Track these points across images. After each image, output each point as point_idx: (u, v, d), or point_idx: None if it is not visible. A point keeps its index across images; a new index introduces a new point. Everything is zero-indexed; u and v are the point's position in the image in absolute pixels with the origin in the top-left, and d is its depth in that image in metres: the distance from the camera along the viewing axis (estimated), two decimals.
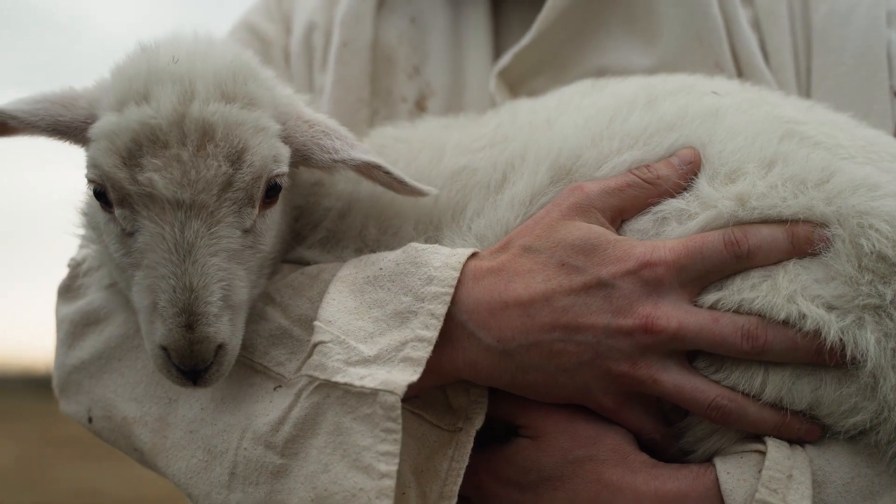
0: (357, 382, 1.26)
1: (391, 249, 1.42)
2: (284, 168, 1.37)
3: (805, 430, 1.26)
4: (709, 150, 1.37)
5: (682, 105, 1.43)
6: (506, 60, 1.77)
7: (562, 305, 1.28)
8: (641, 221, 1.36)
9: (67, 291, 1.64)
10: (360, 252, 1.52)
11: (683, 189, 1.35)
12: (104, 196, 1.32)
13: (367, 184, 1.56)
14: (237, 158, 1.29)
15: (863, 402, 1.23)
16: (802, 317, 1.23)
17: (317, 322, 1.33)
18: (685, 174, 1.36)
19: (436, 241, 1.46)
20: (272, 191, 1.36)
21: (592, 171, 1.41)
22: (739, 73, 1.71)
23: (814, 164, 1.32)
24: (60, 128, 1.39)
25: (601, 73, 1.72)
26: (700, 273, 1.28)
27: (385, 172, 1.41)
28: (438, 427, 1.36)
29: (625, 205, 1.36)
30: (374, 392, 1.24)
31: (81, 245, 1.64)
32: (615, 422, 1.33)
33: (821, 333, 1.22)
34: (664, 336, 1.25)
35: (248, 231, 1.33)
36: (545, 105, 1.57)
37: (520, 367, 1.30)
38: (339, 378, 1.27)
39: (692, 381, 1.27)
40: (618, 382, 1.28)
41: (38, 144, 1.46)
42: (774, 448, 1.24)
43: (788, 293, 1.25)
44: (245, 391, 1.39)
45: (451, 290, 1.30)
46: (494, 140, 1.53)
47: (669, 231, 1.33)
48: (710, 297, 1.28)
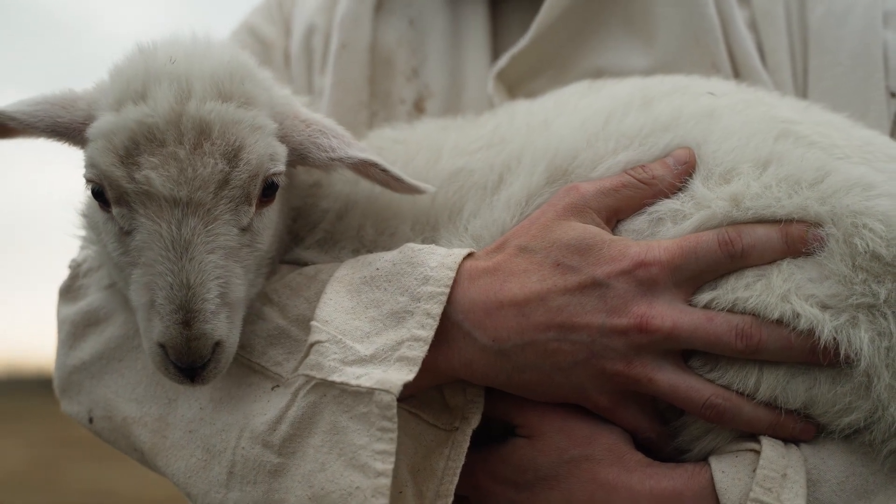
0: (353, 382, 1.27)
1: (388, 250, 1.43)
2: (281, 167, 1.37)
3: (800, 430, 1.27)
4: (704, 151, 1.38)
5: (678, 106, 1.44)
6: (503, 62, 1.78)
7: (557, 305, 1.28)
8: (637, 222, 1.37)
9: (68, 292, 1.65)
10: (358, 252, 1.52)
11: (678, 189, 1.36)
12: (102, 195, 1.33)
13: (365, 185, 1.57)
14: (234, 156, 1.29)
15: (857, 402, 1.23)
16: (796, 316, 1.23)
17: (314, 322, 1.34)
18: (680, 174, 1.36)
19: (433, 242, 1.47)
20: (269, 189, 1.36)
21: (588, 172, 1.41)
22: (736, 74, 1.71)
23: (809, 164, 1.32)
24: (59, 129, 1.40)
25: (599, 74, 1.72)
26: (694, 273, 1.28)
27: (382, 170, 1.41)
28: (435, 426, 1.36)
29: (620, 205, 1.37)
30: (370, 391, 1.25)
31: (82, 246, 1.65)
32: (611, 421, 1.33)
33: (815, 332, 1.22)
34: (659, 335, 1.26)
35: (246, 229, 1.34)
36: (542, 106, 1.58)
37: (515, 367, 1.30)
38: (336, 377, 1.28)
39: (687, 381, 1.27)
40: (613, 382, 1.29)
41: (40, 146, 1.48)
42: (769, 447, 1.25)
43: (782, 292, 1.25)
44: (243, 391, 1.40)
45: (447, 290, 1.31)
46: (492, 141, 1.54)
47: (664, 231, 1.34)
48: (705, 297, 1.28)
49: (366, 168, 1.42)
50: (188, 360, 1.26)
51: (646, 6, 1.77)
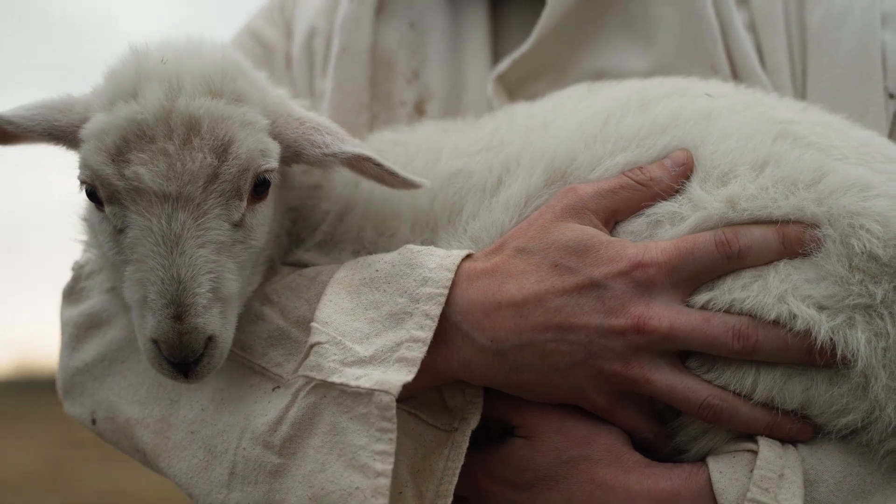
0: (353, 383, 1.27)
1: (388, 251, 1.44)
2: (273, 163, 1.38)
3: (797, 430, 1.27)
4: (701, 152, 1.38)
5: (676, 107, 1.44)
6: (504, 66, 1.78)
7: (554, 306, 1.29)
8: (635, 223, 1.37)
9: (71, 294, 1.66)
10: (358, 254, 1.53)
11: (676, 191, 1.36)
12: (96, 195, 1.34)
13: (365, 187, 1.58)
14: (223, 151, 1.30)
15: (854, 402, 1.24)
16: (793, 317, 1.24)
17: (313, 323, 1.34)
18: (678, 176, 1.37)
19: (432, 244, 1.48)
20: (261, 186, 1.37)
21: (586, 174, 1.42)
22: (735, 76, 1.71)
23: (806, 165, 1.32)
24: (56, 132, 1.41)
25: (599, 77, 1.72)
26: (691, 274, 1.29)
27: (376, 164, 1.42)
28: (435, 427, 1.37)
29: (618, 206, 1.37)
30: (370, 392, 1.26)
31: (85, 248, 1.66)
32: (609, 421, 1.34)
33: (811, 333, 1.23)
34: (656, 336, 1.26)
35: (239, 225, 1.34)
36: (541, 109, 1.58)
37: (513, 367, 1.31)
38: (336, 378, 1.29)
39: (684, 381, 1.28)
40: (610, 382, 1.30)
41: (44, 150, 1.49)
42: (766, 447, 1.25)
43: (779, 293, 1.25)
44: (244, 392, 1.41)
45: (446, 291, 1.32)
46: (491, 144, 1.54)
47: (662, 233, 1.34)
48: (702, 298, 1.29)
49: (360, 163, 1.43)
50: (180, 355, 1.26)
51: (645, 8, 1.78)
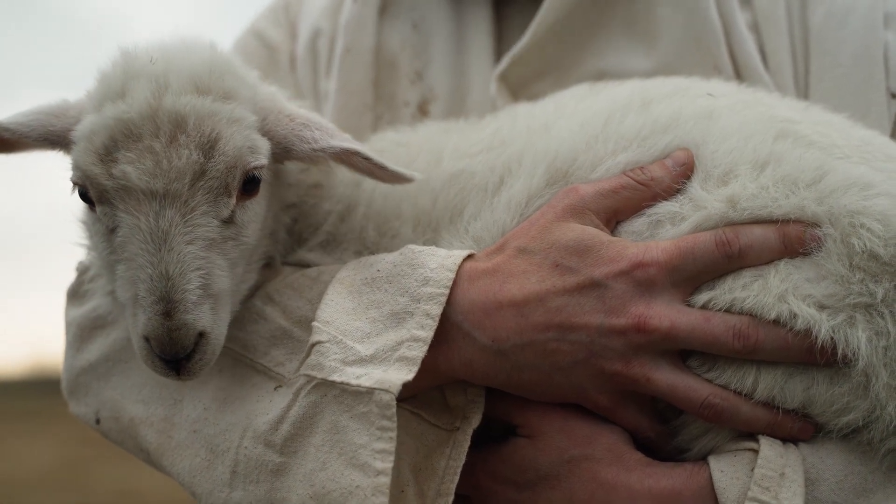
0: (353, 381, 1.28)
1: (390, 251, 1.44)
2: (262, 160, 1.38)
3: (798, 429, 1.27)
4: (702, 151, 1.38)
5: (677, 107, 1.44)
6: (503, 65, 1.78)
7: (555, 305, 1.29)
8: (636, 223, 1.37)
9: (75, 295, 1.67)
10: (360, 254, 1.54)
11: (677, 191, 1.36)
12: (87, 196, 1.35)
13: (367, 186, 1.58)
14: (210, 148, 1.30)
15: (855, 401, 1.24)
16: (793, 316, 1.24)
17: (315, 323, 1.35)
18: (679, 176, 1.37)
19: (434, 244, 1.48)
20: (251, 183, 1.37)
21: (588, 174, 1.42)
22: (738, 76, 1.71)
23: (807, 164, 1.32)
24: (52, 137, 1.42)
25: (602, 77, 1.73)
26: (692, 273, 1.29)
27: (364, 158, 1.42)
28: (436, 426, 1.37)
29: (619, 206, 1.37)
30: (370, 391, 1.26)
31: (89, 251, 1.67)
32: (611, 420, 1.34)
33: (812, 332, 1.23)
34: (656, 335, 1.26)
35: (229, 222, 1.34)
36: (543, 109, 1.59)
37: (515, 367, 1.31)
38: (336, 377, 1.29)
39: (685, 380, 1.28)
40: (612, 381, 1.30)
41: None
42: (767, 446, 1.25)
43: (780, 292, 1.25)
44: (246, 391, 1.42)
45: (447, 291, 1.32)
46: (492, 144, 1.55)
47: (663, 233, 1.34)
48: (702, 297, 1.29)
49: (349, 157, 1.43)
50: (171, 352, 1.26)
51: (647, 9, 1.78)
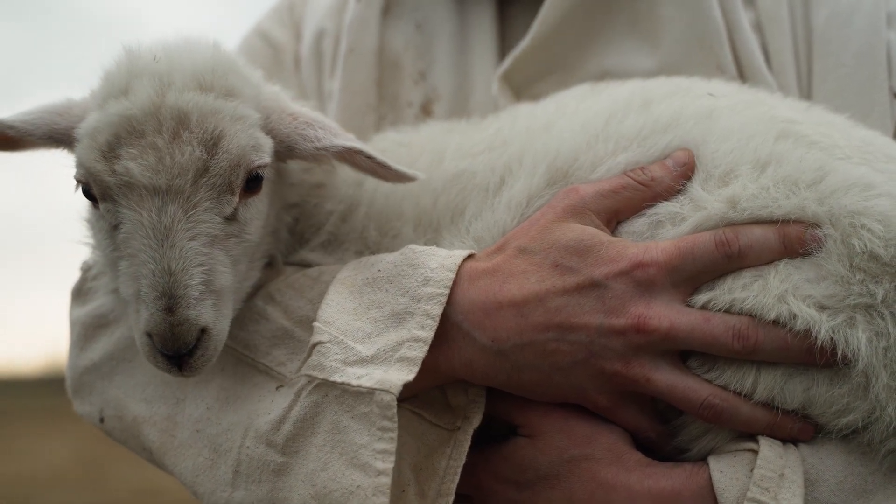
0: (354, 382, 1.28)
1: (391, 251, 1.44)
2: (266, 159, 1.39)
3: (798, 429, 1.27)
4: (703, 151, 1.38)
5: (678, 107, 1.44)
6: (506, 64, 1.78)
7: (555, 305, 1.29)
8: (636, 224, 1.37)
9: (79, 294, 1.68)
10: (361, 254, 1.54)
11: (678, 191, 1.36)
12: (91, 194, 1.35)
13: (369, 186, 1.59)
14: (213, 145, 1.31)
15: (855, 402, 1.23)
16: (793, 316, 1.23)
17: (316, 323, 1.35)
18: (679, 176, 1.37)
19: (435, 244, 1.49)
20: (254, 181, 1.38)
21: (588, 174, 1.42)
22: (741, 76, 1.70)
23: (808, 165, 1.32)
24: (56, 135, 1.43)
25: (605, 76, 1.73)
26: (692, 273, 1.29)
27: (367, 157, 1.43)
28: (437, 426, 1.38)
29: (619, 206, 1.37)
30: (371, 391, 1.27)
31: (92, 249, 1.68)
32: (611, 420, 1.34)
33: (811, 333, 1.22)
34: (656, 336, 1.26)
35: (231, 219, 1.35)
36: (544, 109, 1.59)
37: (515, 367, 1.31)
38: (337, 377, 1.30)
39: (685, 381, 1.28)
40: (612, 381, 1.30)
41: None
42: (767, 447, 1.25)
43: (779, 293, 1.25)
44: (248, 391, 1.42)
45: (447, 291, 1.33)
46: (493, 144, 1.55)
47: (664, 233, 1.34)
48: (702, 297, 1.29)
49: (352, 156, 1.44)
50: (173, 347, 1.27)
51: (651, 8, 1.78)
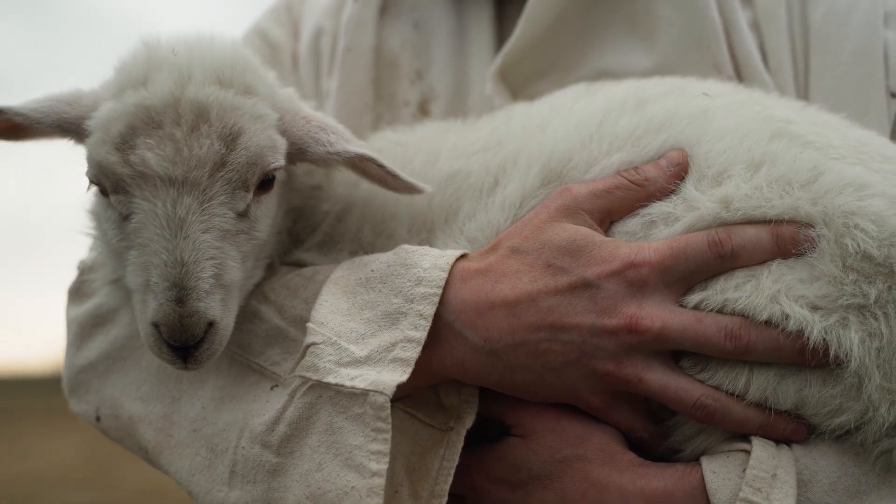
0: (348, 383, 1.29)
1: (385, 251, 1.44)
2: (281, 160, 1.40)
3: (791, 430, 1.26)
4: (697, 151, 1.38)
5: (672, 107, 1.44)
6: (497, 62, 1.78)
7: (547, 305, 1.29)
8: (630, 224, 1.37)
9: (76, 293, 1.69)
10: (356, 254, 1.54)
11: (671, 191, 1.36)
12: (102, 186, 1.35)
13: (364, 187, 1.59)
14: (232, 140, 1.32)
15: (848, 403, 1.23)
16: (786, 317, 1.23)
17: (309, 324, 1.36)
18: (673, 176, 1.36)
19: (429, 244, 1.49)
20: (268, 181, 1.39)
21: (582, 174, 1.42)
22: (738, 75, 1.70)
23: (802, 164, 1.32)
24: (65, 125, 1.43)
25: (602, 76, 1.72)
26: (684, 273, 1.29)
27: (378, 165, 1.43)
28: (430, 426, 1.38)
29: (613, 206, 1.37)
30: (365, 392, 1.27)
31: (91, 248, 1.69)
32: (603, 421, 1.34)
33: (804, 333, 1.22)
34: (648, 336, 1.26)
35: (243, 216, 1.36)
36: (539, 109, 1.59)
37: (507, 367, 1.31)
38: (331, 379, 1.30)
39: (677, 381, 1.28)
40: (604, 382, 1.30)
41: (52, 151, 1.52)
42: (759, 447, 1.25)
43: (772, 293, 1.25)
44: (244, 390, 1.43)
45: (440, 291, 1.33)
46: (488, 144, 1.55)
47: (657, 234, 1.34)
48: (695, 298, 1.29)
49: (363, 163, 1.44)
50: (181, 339, 1.27)
51: (648, 8, 1.77)
